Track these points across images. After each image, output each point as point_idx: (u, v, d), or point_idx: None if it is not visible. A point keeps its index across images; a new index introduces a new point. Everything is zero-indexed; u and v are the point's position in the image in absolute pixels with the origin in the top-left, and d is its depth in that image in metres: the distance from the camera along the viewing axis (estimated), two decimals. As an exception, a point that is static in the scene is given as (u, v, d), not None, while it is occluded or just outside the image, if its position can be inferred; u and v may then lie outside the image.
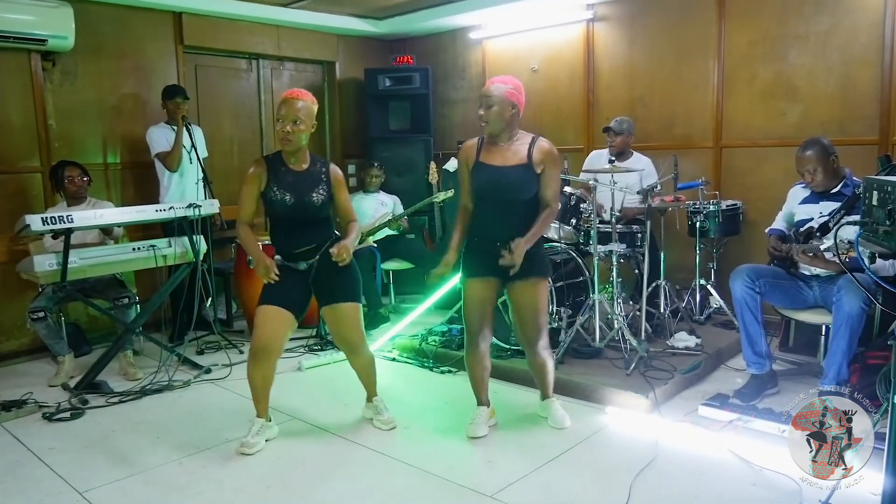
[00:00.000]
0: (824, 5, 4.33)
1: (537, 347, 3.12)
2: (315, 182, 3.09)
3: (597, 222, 3.96)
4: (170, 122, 4.74)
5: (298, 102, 3.00)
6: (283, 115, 2.99)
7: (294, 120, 2.98)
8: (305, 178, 3.08)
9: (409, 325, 4.68)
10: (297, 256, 3.10)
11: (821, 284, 3.43)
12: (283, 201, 3.02)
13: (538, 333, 3.10)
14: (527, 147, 2.97)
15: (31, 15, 4.30)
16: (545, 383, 3.28)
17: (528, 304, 3.05)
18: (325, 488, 2.74)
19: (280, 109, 3.00)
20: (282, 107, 3.00)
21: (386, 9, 5.89)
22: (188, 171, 4.77)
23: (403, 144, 6.21)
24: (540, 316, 3.08)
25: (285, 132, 2.98)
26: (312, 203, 3.05)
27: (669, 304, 4.43)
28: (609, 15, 5.33)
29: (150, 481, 2.83)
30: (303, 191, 3.05)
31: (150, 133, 4.70)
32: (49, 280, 3.70)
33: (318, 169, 3.13)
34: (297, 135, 2.99)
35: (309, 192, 3.05)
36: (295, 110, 2.97)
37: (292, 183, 3.05)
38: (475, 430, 3.13)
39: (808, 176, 3.42)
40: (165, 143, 4.67)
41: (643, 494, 2.60)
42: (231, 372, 4.17)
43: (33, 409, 3.60)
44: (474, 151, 3.02)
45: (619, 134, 4.62)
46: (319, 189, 3.08)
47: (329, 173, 3.13)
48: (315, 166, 3.13)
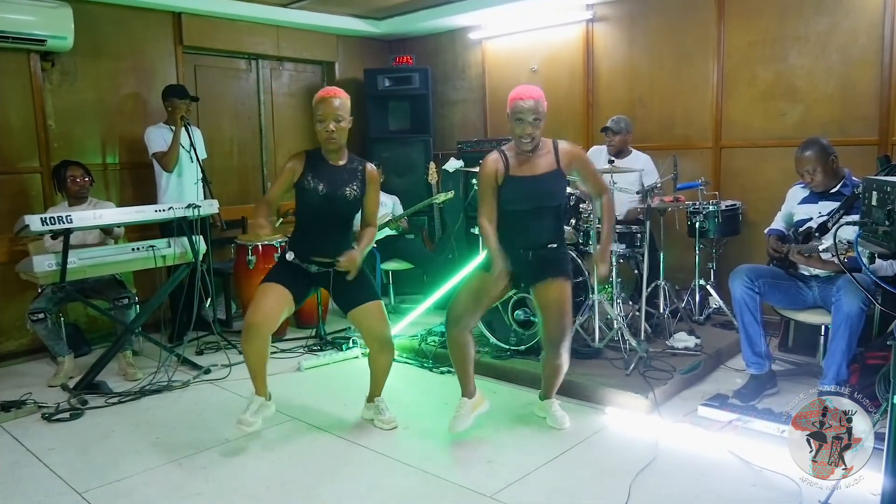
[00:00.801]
0: (824, 6, 4.33)
1: (560, 349, 3.08)
2: (350, 178, 3.13)
3: (596, 222, 3.96)
4: (168, 122, 4.74)
5: (336, 101, 3.03)
6: (323, 115, 3.02)
7: (336, 119, 3.02)
8: (342, 173, 3.13)
9: (409, 326, 4.68)
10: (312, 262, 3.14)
11: (820, 285, 3.43)
12: (316, 191, 3.05)
13: (563, 334, 3.06)
14: (553, 154, 2.97)
15: (30, 15, 4.30)
16: (553, 384, 3.26)
17: (554, 304, 3.02)
18: (325, 488, 2.74)
19: (318, 110, 3.04)
20: (319, 107, 3.03)
21: (385, 9, 5.89)
22: (187, 172, 4.77)
23: (403, 145, 6.22)
24: (565, 317, 3.05)
25: (329, 131, 3.02)
26: (344, 197, 3.09)
27: (669, 304, 4.43)
28: (609, 15, 5.33)
29: (149, 482, 2.83)
30: (337, 184, 3.09)
31: (148, 133, 4.69)
32: (48, 280, 3.69)
33: (354, 166, 3.18)
34: (340, 132, 3.04)
35: (343, 187, 3.10)
36: (334, 108, 3.02)
37: (328, 175, 3.10)
38: (456, 424, 3.11)
39: (808, 176, 3.42)
40: (163, 144, 4.66)
41: (643, 495, 2.60)
42: (230, 372, 4.16)
43: (33, 409, 3.60)
44: (502, 165, 2.97)
45: (618, 133, 4.63)
46: (353, 185, 3.12)
47: (365, 171, 3.18)
48: (353, 164, 3.18)
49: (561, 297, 3.02)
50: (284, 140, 6.13)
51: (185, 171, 4.76)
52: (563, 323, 3.05)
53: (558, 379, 3.25)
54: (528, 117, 2.83)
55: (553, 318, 3.04)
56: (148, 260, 3.98)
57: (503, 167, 2.97)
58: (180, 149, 4.68)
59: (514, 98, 2.87)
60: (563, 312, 3.04)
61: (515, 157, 2.98)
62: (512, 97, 2.89)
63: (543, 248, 3.02)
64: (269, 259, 4.71)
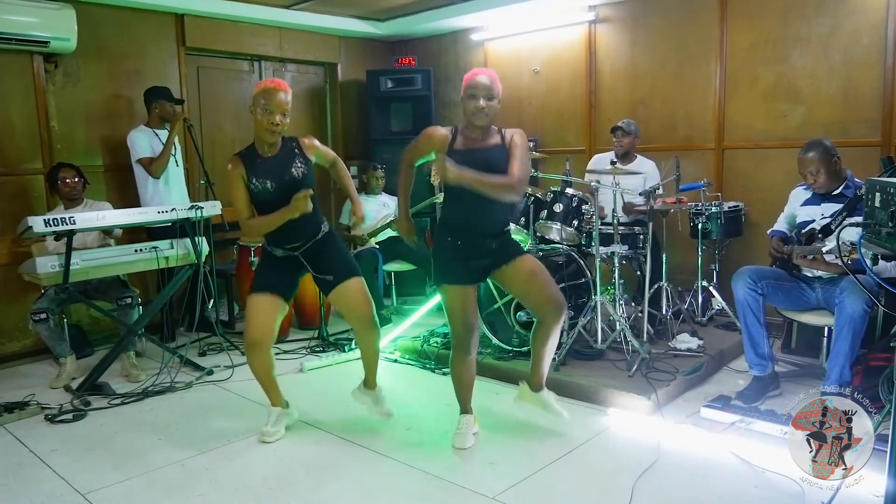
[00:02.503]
0: (826, 7, 4.33)
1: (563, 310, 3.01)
2: (289, 159, 3.07)
3: (598, 224, 3.96)
4: (150, 125, 4.66)
5: (283, 94, 2.96)
6: (269, 105, 2.93)
7: (283, 112, 2.97)
8: (280, 160, 3.06)
9: (411, 327, 4.68)
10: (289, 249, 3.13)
11: (823, 286, 3.43)
12: (266, 189, 3.01)
13: (560, 296, 2.99)
14: (499, 136, 2.95)
15: (33, 17, 4.31)
16: (545, 363, 3.16)
17: (538, 271, 2.98)
18: (327, 489, 2.74)
19: (263, 99, 2.94)
20: (265, 96, 2.94)
21: (388, 10, 5.90)
22: (173, 178, 4.71)
23: (405, 146, 6.10)
24: (551, 280, 3.00)
25: (274, 123, 2.95)
26: (293, 178, 3.03)
27: (671, 305, 4.42)
28: (611, 16, 5.33)
29: (152, 483, 2.83)
30: (281, 172, 3.03)
31: (132, 137, 4.59)
32: (51, 281, 3.70)
33: (289, 147, 3.11)
34: (283, 127, 2.99)
35: (287, 170, 3.04)
36: (282, 102, 2.95)
37: (270, 169, 3.03)
38: (462, 441, 3.08)
39: (810, 178, 3.42)
40: (149, 148, 4.59)
41: (645, 496, 2.60)
42: (233, 373, 4.17)
43: (35, 410, 3.61)
44: (449, 137, 2.94)
45: (628, 134, 4.62)
46: (296, 162, 3.07)
47: (300, 145, 3.12)
48: (286, 146, 3.11)
49: (538, 265, 3.00)
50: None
51: (171, 177, 4.70)
52: (553, 285, 3.00)
53: (552, 354, 3.16)
54: (480, 92, 2.85)
55: (542, 282, 2.97)
56: (151, 261, 3.98)
57: (449, 139, 2.93)
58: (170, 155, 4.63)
59: (470, 76, 2.91)
60: (547, 275, 3.00)
61: (464, 136, 2.94)
62: (467, 76, 2.92)
63: (503, 234, 2.99)
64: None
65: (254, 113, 2.98)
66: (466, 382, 3.13)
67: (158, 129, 4.67)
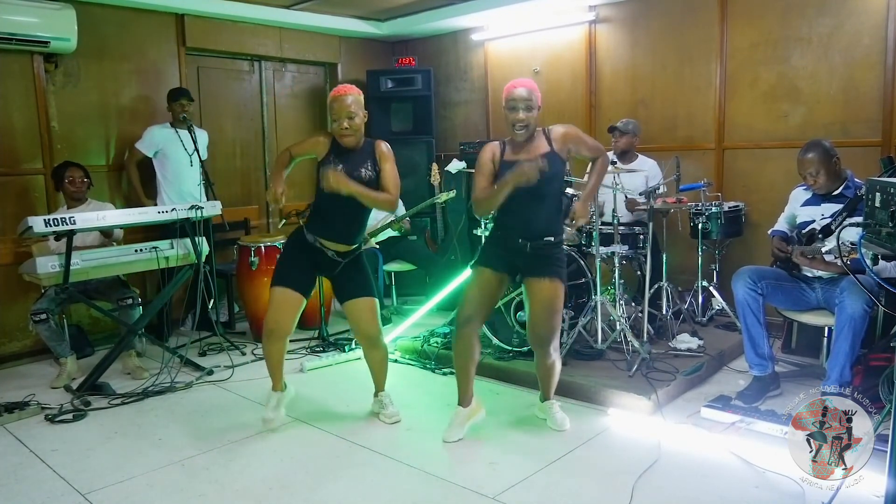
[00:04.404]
0: (827, 7, 4.32)
1: (549, 348, 3.10)
2: (363, 159, 3.19)
3: (599, 223, 3.96)
4: (174, 123, 4.78)
5: (348, 98, 3.11)
6: (336, 114, 3.09)
7: (349, 115, 3.09)
8: (356, 156, 3.19)
9: (412, 327, 4.68)
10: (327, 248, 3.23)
11: (823, 286, 3.43)
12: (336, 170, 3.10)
13: (551, 334, 3.08)
14: (545, 139, 3.05)
15: (33, 17, 4.31)
16: (549, 385, 3.28)
17: (545, 302, 3.03)
18: (327, 490, 2.74)
19: (332, 109, 3.11)
20: (333, 105, 3.11)
21: (388, 10, 5.90)
22: (187, 176, 4.77)
23: (405, 146, 6.20)
24: (554, 316, 3.07)
25: (343, 129, 3.09)
26: (360, 179, 3.13)
27: (672, 305, 4.42)
28: (611, 17, 5.33)
29: (152, 483, 2.83)
30: (353, 166, 3.14)
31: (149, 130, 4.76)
32: (51, 282, 3.70)
33: (367, 148, 3.23)
34: (353, 128, 3.11)
35: (357, 168, 3.15)
36: (346, 106, 3.09)
37: (347, 159, 3.16)
38: (451, 433, 3.13)
39: (810, 178, 3.42)
40: (149, 143, 4.74)
41: (645, 496, 2.60)
42: (233, 373, 4.17)
43: (36, 410, 3.61)
44: (499, 152, 3.07)
45: (625, 134, 4.62)
46: (367, 164, 3.18)
47: (375, 149, 3.23)
48: (367, 146, 3.24)
49: (553, 296, 3.03)
50: (287, 141, 6.10)
51: (185, 175, 4.75)
52: (551, 322, 3.07)
53: (553, 379, 3.26)
54: (520, 104, 2.95)
55: (542, 315, 3.05)
56: (151, 261, 3.98)
57: (499, 153, 3.06)
58: (180, 150, 4.72)
59: (509, 88, 3.01)
60: (553, 311, 3.05)
61: (511, 146, 3.08)
62: (506, 88, 3.02)
63: (541, 241, 3.03)
64: (271, 260, 4.70)
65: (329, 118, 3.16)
66: (461, 363, 3.17)
67: (180, 129, 4.76)
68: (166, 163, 4.80)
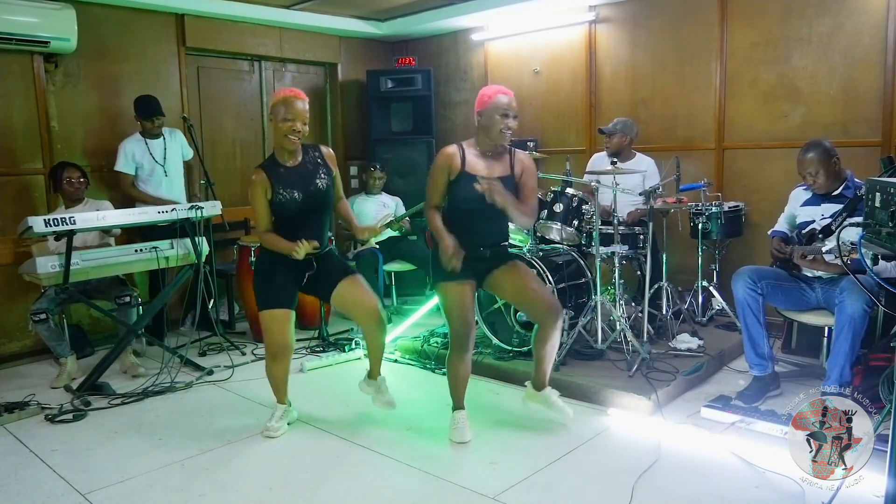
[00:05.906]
0: (827, 7, 4.32)
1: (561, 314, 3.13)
2: (314, 170, 3.16)
3: (599, 224, 3.96)
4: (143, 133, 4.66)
5: (302, 104, 3.05)
6: (289, 115, 3.01)
7: (304, 121, 3.04)
8: (304, 170, 3.14)
9: (411, 327, 4.68)
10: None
11: (823, 286, 3.43)
12: (294, 199, 3.07)
13: (552, 297, 3.12)
14: (508, 158, 3.08)
15: (34, 17, 4.31)
16: (547, 368, 3.24)
17: (523, 276, 3.11)
18: (327, 490, 2.74)
19: (281, 109, 3.02)
20: (283, 106, 3.02)
21: (388, 10, 5.90)
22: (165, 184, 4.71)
23: (405, 146, 6.22)
24: (540, 283, 3.13)
25: (296, 131, 3.03)
26: (319, 190, 3.12)
27: (671, 305, 4.42)
28: (611, 17, 5.33)
29: (152, 483, 2.83)
30: (306, 183, 3.10)
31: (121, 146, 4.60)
32: (51, 282, 3.70)
33: (312, 157, 3.19)
34: (303, 134, 3.06)
35: (312, 181, 3.12)
36: (301, 111, 3.04)
37: (295, 179, 3.10)
38: (461, 434, 3.12)
39: (810, 178, 3.42)
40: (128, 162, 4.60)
41: (645, 496, 2.60)
42: (233, 373, 4.17)
43: (36, 410, 3.61)
44: (458, 160, 3.01)
45: (612, 135, 4.63)
46: (320, 174, 3.15)
47: (323, 156, 3.22)
48: (308, 155, 3.19)
49: (525, 270, 3.15)
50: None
51: (163, 185, 4.70)
52: (543, 289, 3.12)
53: (553, 354, 3.25)
54: (510, 112, 2.96)
55: (532, 286, 3.11)
56: (151, 261, 3.99)
57: (459, 162, 3.02)
58: (153, 163, 4.63)
59: (496, 93, 2.99)
60: (535, 278, 3.18)
61: (473, 154, 3.05)
62: (491, 94, 2.99)
63: (499, 246, 3.15)
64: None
65: (273, 122, 3.05)
66: (463, 378, 3.19)
67: (151, 139, 4.65)
68: (143, 175, 4.68)
